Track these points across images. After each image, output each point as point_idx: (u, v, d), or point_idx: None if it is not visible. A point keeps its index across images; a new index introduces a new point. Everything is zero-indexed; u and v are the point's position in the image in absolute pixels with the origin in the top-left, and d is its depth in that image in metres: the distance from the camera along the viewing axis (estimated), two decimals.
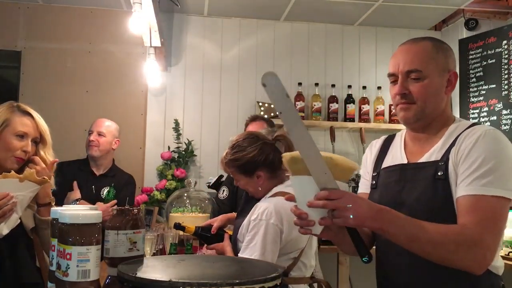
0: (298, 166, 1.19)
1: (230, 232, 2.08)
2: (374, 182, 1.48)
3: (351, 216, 1.13)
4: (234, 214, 2.27)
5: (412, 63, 1.34)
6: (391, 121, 4.21)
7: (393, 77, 1.38)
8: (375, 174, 1.48)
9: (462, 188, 1.23)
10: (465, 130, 1.32)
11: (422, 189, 1.30)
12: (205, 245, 2.21)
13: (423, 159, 1.36)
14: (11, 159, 1.78)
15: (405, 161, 1.41)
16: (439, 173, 1.28)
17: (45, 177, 1.71)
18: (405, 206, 1.30)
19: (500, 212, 1.21)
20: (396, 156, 1.46)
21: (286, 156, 1.24)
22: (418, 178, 1.33)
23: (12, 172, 1.65)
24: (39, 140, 1.86)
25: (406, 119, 1.38)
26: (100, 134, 3.15)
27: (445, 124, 1.39)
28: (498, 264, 1.29)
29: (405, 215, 1.19)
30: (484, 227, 1.17)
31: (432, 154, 1.35)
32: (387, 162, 1.47)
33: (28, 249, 1.80)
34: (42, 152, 1.86)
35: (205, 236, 2.13)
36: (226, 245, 1.98)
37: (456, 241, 1.16)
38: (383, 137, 1.58)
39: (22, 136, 1.80)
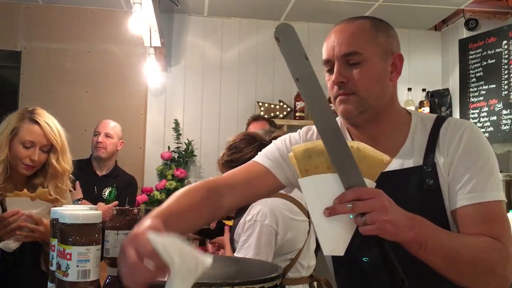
0: (314, 161, 0.92)
1: (230, 223, 2.09)
2: None
3: (388, 223, 0.89)
4: None
5: (349, 44, 1.11)
6: None
7: (329, 64, 1.16)
8: None
9: (464, 196, 1.05)
10: (437, 124, 1.14)
11: (406, 202, 0.98)
12: (208, 240, 2.23)
13: (395, 165, 1.11)
14: (21, 166, 1.82)
15: None
16: (428, 182, 1.08)
17: (58, 197, 1.77)
18: None
19: (507, 218, 1.06)
20: None
21: (297, 148, 0.94)
22: (398, 190, 1.04)
23: (25, 190, 1.70)
24: (49, 148, 1.87)
25: (347, 113, 1.12)
26: (107, 136, 3.16)
27: (399, 118, 1.18)
28: None
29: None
30: (507, 239, 1.02)
31: (405, 157, 1.13)
32: None
33: (33, 255, 1.80)
34: (53, 161, 1.86)
35: (206, 231, 2.14)
36: (226, 239, 1.99)
37: (494, 259, 0.99)
38: (310, 130, 1.28)
39: (28, 145, 1.82)
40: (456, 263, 0.97)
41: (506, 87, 3.64)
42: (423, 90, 4.27)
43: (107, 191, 3.07)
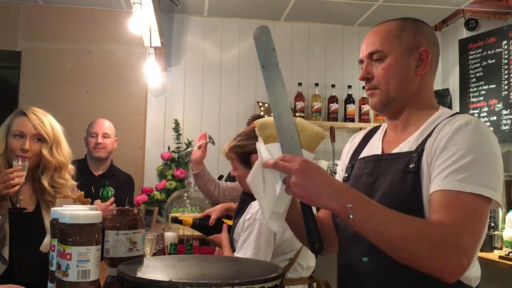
0: (268, 131, 1.15)
1: (230, 222, 2.09)
2: (347, 174, 1.33)
3: (303, 186, 1.01)
4: (231, 204, 2.28)
5: (374, 44, 1.23)
6: None
7: (362, 64, 1.28)
8: (349, 166, 1.35)
9: (437, 182, 1.07)
10: (445, 119, 1.17)
11: (391, 182, 1.15)
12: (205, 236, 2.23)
13: (397, 150, 1.22)
14: (15, 158, 1.87)
15: (380, 152, 1.28)
16: (410, 165, 1.13)
17: (87, 199, 1.95)
18: (373, 199, 1.11)
19: (479, 213, 1.04)
20: (373, 146, 1.32)
21: (257, 122, 1.19)
22: (390, 171, 1.18)
23: (69, 193, 1.85)
24: (42, 139, 1.92)
25: (373, 106, 1.26)
26: (105, 136, 3.17)
27: (424, 111, 1.24)
28: (472, 275, 1.11)
29: (377, 202, 1.05)
30: (462, 227, 1.00)
31: (407, 144, 1.20)
32: (364, 153, 1.33)
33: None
34: (44, 152, 1.91)
35: (204, 227, 2.13)
36: (224, 237, 1.98)
37: (432, 239, 0.98)
38: (367, 128, 1.45)
39: (19, 135, 1.89)
40: (386, 238, 1.00)
41: (506, 87, 3.65)
42: None
43: (103, 190, 3.08)
